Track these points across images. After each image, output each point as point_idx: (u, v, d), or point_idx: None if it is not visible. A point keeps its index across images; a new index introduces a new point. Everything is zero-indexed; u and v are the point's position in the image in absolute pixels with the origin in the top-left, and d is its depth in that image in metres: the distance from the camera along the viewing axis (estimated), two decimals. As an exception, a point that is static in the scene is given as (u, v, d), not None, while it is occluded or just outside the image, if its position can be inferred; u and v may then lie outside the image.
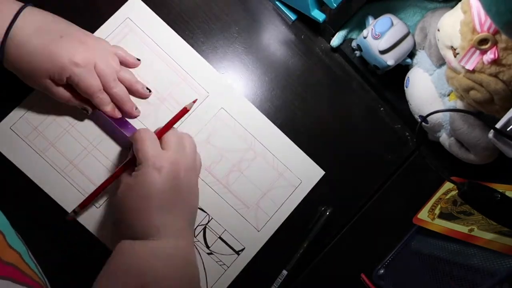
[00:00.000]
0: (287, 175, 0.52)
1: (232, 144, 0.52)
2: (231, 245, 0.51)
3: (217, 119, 0.52)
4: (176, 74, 0.52)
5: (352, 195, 0.55)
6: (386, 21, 0.48)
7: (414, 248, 0.52)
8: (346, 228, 0.54)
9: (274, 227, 0.52)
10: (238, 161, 0.52)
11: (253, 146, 0.52)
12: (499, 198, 0.37)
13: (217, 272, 0.50)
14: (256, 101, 0.53)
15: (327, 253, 0.54)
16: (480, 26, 0.37)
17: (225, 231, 0.51)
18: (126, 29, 0.51)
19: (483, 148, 0.46)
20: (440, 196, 0.54)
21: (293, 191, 0.52)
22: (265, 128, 0.53)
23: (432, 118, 0.49)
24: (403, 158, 0.56)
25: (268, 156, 0.52)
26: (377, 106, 0.56)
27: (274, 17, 0.55)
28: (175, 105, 0.51)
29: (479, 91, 0.40)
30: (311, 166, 0.53)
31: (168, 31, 0.52)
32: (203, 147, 0.51)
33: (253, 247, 0.51)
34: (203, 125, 0.52)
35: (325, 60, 0.55)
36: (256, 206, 0.52)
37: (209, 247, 0.51)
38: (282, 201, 0.52)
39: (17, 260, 0.41)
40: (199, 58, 0.52)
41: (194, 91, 0.52)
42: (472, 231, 0.44)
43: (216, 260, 0.50)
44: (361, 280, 0.53)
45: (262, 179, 0.52)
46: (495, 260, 0.40)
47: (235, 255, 0.51)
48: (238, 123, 0.52)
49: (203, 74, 0.52)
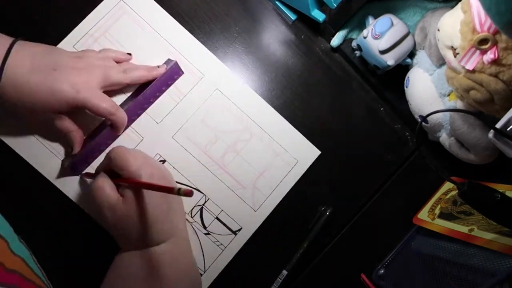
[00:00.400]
0: (283, 155, 0.53)
1: (228, 125, 0.52)
2: (228, 225, 0.51)
3: (212, 100, 0.52)
4: (170, 56, 0.52)
5: (352, 195, 0.55)
6: (386, 21, 0.48)
7: (414, 248, 0.52)
8: (346, 228, 0.54)
9: (271, 206, 0.52)
10: (234, 142, 0.52)
11: (249, 127, 0.52)
12: (499, 198, 0.37)
13: (214, 252, 0.51)
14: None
15: (327, 253, 0.54)
16: (480, 26, 0.37)
17: (222, 211, 0.51)
18: (120, 12, 0.51)
19: (483, 148, 0.46)
20: (440, 196, 0.54)
21: (289, 171, 0.53)
22: (261, 109, 0.53)
23: (432, 118, 0.49)
24: (403, 158, 0.56)
25: (264, 136, 0.53)
26: (377, 106, 0.56)
27: (274, 17, 0.55)
28: (171, 86, 0.51)
29: (479, 91, 0.40)
30: (307, 146, 0.53)
31: (161, 12, 0.52)
32: (199, 129, 0.52)
33: (250, 227, 0.52)
34: (198, 106, 0.52)
35: (325, 60, 0.55)
36: (252, 186, 0.52)
37: (206, 228, 0.51)
38: (278, 181, 0.52)
39: (21, 266, 0.41)
40: (193, 40, 0.52)
41: (189, 73, 0.52)
42: (472, 231, 0.44)
43: (213, 240, 0.51)
44: (361, 280, 0.53)
45: (258, 159, 0.52)
46: (495, 260, 0.40)
47: (232, 235, 0.51)
48: (234, 103, 0.52)
49: (198, 56, 0.52)
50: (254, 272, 0.52)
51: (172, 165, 0.51)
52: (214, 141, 0.52)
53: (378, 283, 0.52)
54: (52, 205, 0.49)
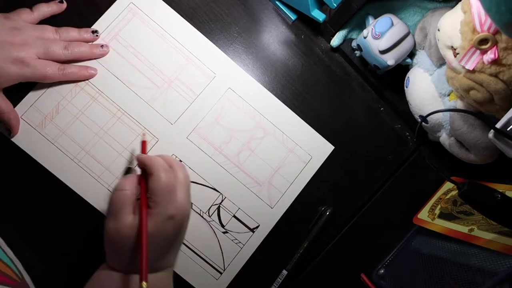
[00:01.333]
0: (297, 151, 0.53)
1: (241, 123, 0.53)
2: (246, 223, 0.51)
3: (225, 99, 0.52)
4: (182, 56, 0.52)
5: (352, 195, 0.55)
6: (386, 21, 0.48)
7: (414, 248, 0.52)
8: (346, 228, 0.54)
9: (287, 203, 0.52)
10: (248, 140, 0.52)
11: (262, 125, 0.53)
12: (499, 198, 0.37)
13: (233, 251, 0.51)
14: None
15: (327, 253, 0.54)
16: (480, 26, 0.37)
17: (239, 209, 0.52)
18: (130, 14, 0.51)
19: (483, 148, 0.46)
20: (440, 196, 0.54)
21: (304, 167, 0.53)
22: (273, 106, 0.53)
23: (432, 118, 0.49)
24: (403, 158, 0.56)
25: (277, 133, 0.53)
26: (377, 106, 0.56)
27: (274, 17, 0.55)
28: (183, 87, 0.52)
29: (479, 91, 0.40)
30: (320, 142, 0.54)
31: (171, 13, 0.52)
32: (213, 128, 0.52)
33: (267, 224, 0.52)
34: (211, 106, 0.52)
35: (325, 60, 0.55)
36: (268, 184, 0.52)
37: (224, 226, 0.51)
38: (293, 177, 0.53)
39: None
40: (204, 39, 0.53)
41: (201, 73, 0.52)
42: (472, 231, 0.44)
43: (232, 239, 0.51)
44: (361, 280, 0.53)
45: (272, 156, 0.53)
46: (495, 260, 0.40)
47: (250, 233, 0.51)
48: (246, 102, 0.53)
49: (209, 55, 0.53)
50: (254, 272, 0.52)
51: (187, 165, 0.51)
52: (229, 140, 0.52)
53: (378, 283, 0.52)
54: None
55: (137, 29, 0.51)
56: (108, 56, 0.50)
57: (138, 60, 0.51)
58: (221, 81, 0.53)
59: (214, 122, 0.52)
